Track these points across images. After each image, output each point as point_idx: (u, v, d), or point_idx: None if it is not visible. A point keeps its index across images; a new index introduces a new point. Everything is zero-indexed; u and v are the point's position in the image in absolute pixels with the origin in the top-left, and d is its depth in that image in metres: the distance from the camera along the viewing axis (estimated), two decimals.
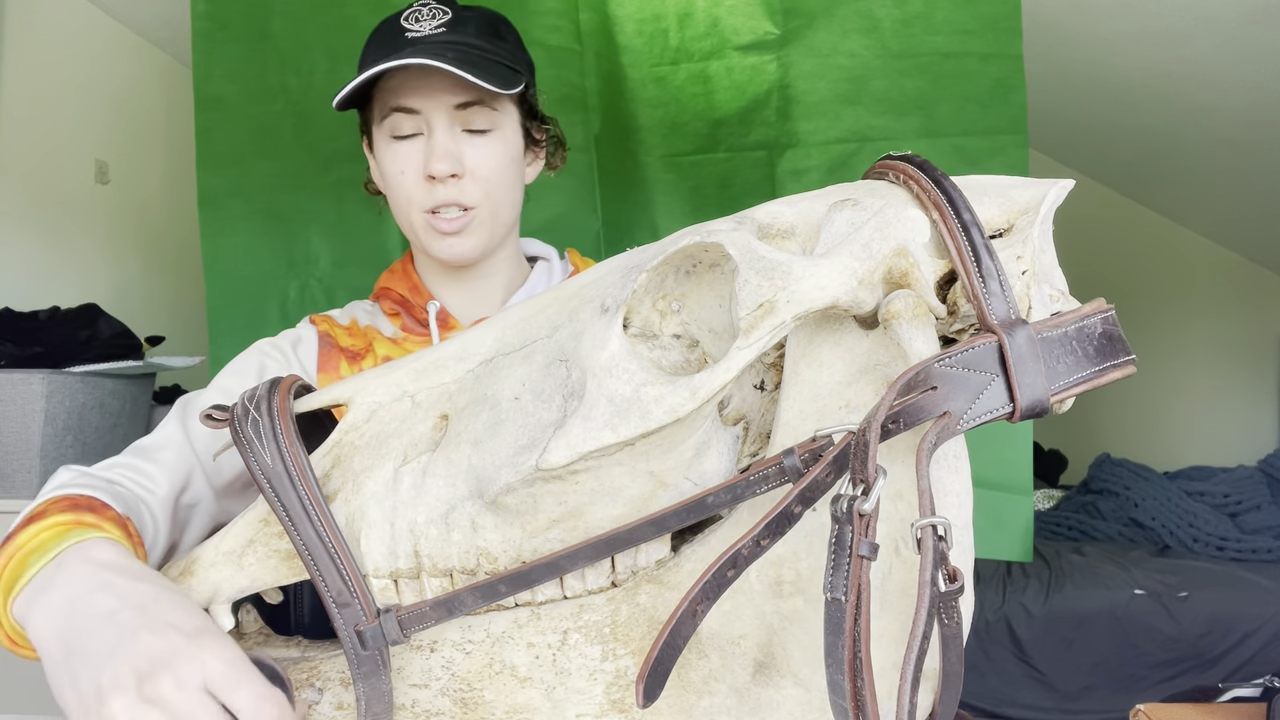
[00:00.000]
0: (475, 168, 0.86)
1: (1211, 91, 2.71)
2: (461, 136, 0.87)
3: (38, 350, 2.13)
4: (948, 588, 0.39)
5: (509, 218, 0.93)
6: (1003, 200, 0.48)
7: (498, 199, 0.89)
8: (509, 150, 0.89)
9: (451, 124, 0.86)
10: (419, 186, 0.87)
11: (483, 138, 0.87)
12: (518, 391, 0.47)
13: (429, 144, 0.86)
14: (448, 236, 0.88)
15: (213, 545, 0.51)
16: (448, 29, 0.86)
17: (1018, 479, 1.63)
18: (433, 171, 0.85)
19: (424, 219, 0.88)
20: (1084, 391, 0.44)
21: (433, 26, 0.86)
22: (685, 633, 0.41)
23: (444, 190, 0.86)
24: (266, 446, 0.47)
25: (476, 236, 0.89)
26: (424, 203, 0.87)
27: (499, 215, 0.90)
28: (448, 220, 0.87)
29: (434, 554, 0.47)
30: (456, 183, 0.86)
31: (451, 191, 0.86)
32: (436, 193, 0.86)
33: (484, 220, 0.89)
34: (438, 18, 0.87)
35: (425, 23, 0.86)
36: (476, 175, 0.87)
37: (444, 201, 0.86)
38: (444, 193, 0.86)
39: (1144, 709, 1.21)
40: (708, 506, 0.44)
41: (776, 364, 0.51)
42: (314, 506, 0.46)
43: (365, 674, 0.47)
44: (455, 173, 0.85)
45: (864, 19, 1.61)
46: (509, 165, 0.89)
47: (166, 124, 3.01)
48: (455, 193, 0.86)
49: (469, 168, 0.86)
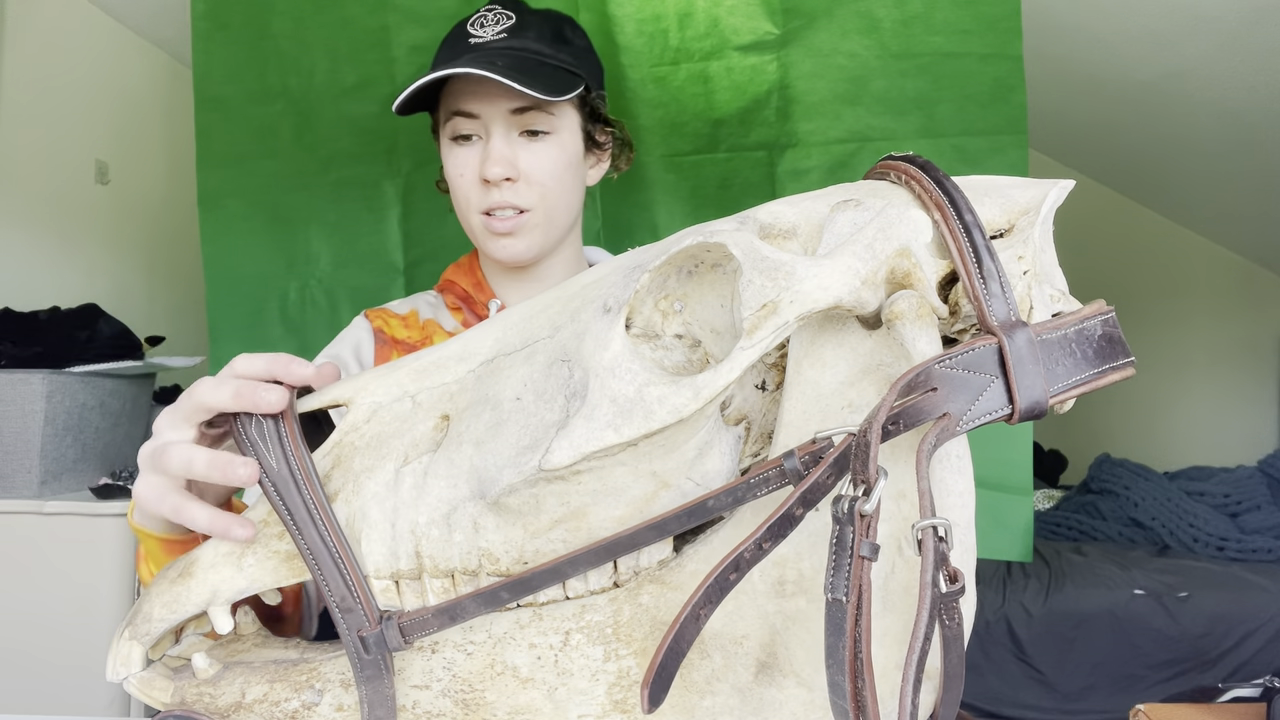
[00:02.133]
0: (530, 171, 0.89)
1: (1211, 91, 2.71)
2: (518, 141, 0.89)
3: (38, 350, 2.13)
4: (949, 589, 0.39)
5: (565, 220, 0.94)
6: (1003, 201, 0.48)
7: (553, 202, 0.91)
8: (566, 154, 0.91)
9: (509, 128, 0.88)
10: (475, 189, 0.90)
11: (539, 142, 0.89)
12: (519, 392, 0.47)
13: (486, 148, 0.88)
14: (502, 237, 0.90)
15: (211, 546, 0.50)
16: (509, 34, 0.88)
17: (1018, 479, 1.63)
18: (487, 175, 0.87)
19: (481, 220, 0.90)
20: (1083, 393, 0.44)
21: (495, 32, 0.89)
22: (689, 637, 0.41)
23: (499, 193, 0.88)
24: (271, 449, 0.47)
25: (531, 238, 0.91)
26: (480, 204, 0.90)
27: (554, 218, 0.92)
28: (502, 220, 0.89)
29: (435, 555, 0.47)
30: (511, 186, 0.88)
31: (506, 195, 0.89)
32: (492, 195, 0.89)
33: (539, 223, 0.91)
34: (501, 23, 0.89)
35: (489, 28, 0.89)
36: (531, 179, 0.89)
37: (498, 204, 0.89)
38: (499, 196, 0.89)
39: (1144, 709, 1.21)
40: (709, 509, 0.45)
41: (778, 364, 0.51)
42: (319, 511, 0.46)
43: (368, 678, 0.47)
44: (509, 176, 0.88)
45: (864, 19, 1.61)
46: (565, 169, 0.91)
47: (166, 124, 3.01)
48: (510, 195, 0.89)
49: (524, 171, 0.88)
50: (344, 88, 1.67)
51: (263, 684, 0.51)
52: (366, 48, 1.65)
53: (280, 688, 0.50)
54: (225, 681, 0.50)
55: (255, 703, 0.50)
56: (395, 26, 1.64)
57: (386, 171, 1.69)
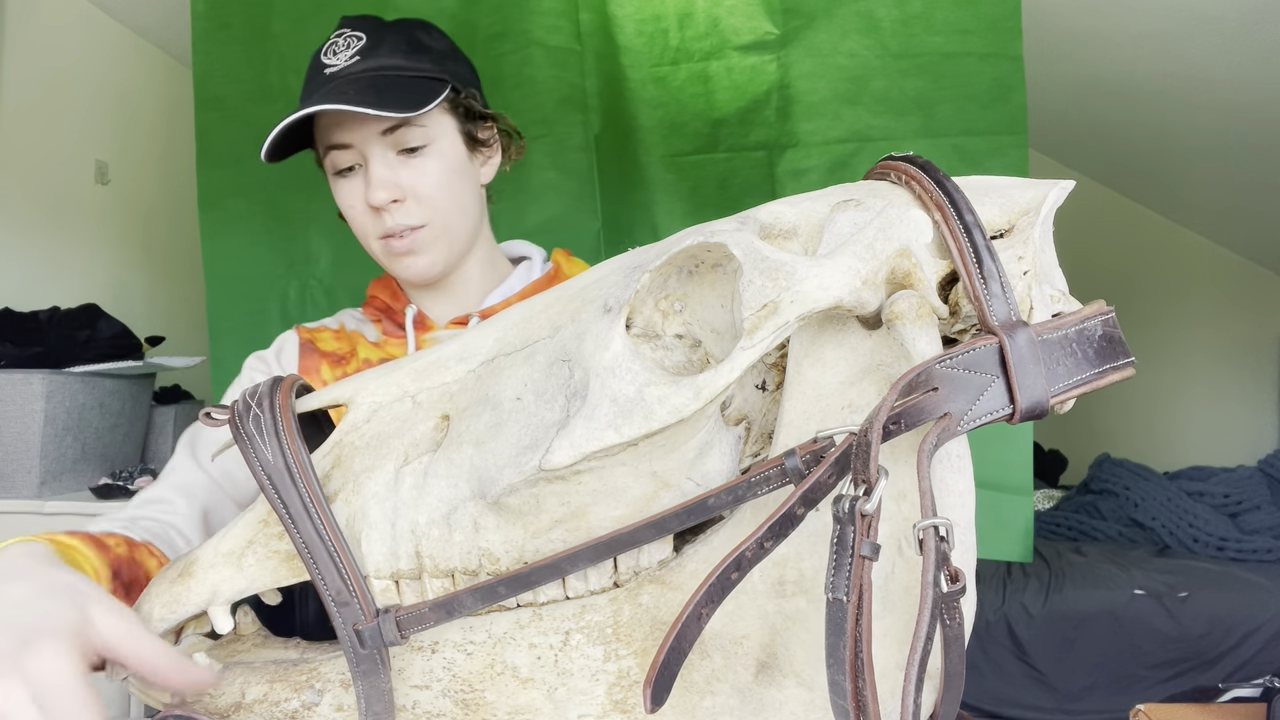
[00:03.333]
0: (414, 187, 0.87)
1: (1211, 91, 2.71)
2: (397, 160, 0.87)
3: (38, 350, 2.13)
4: (950, 588, 0.39)
5: (465, 228, 0.93)
6: (1003, 201, 0.48)
7: (446, 212, 0.90)
8: (448, 162, 0.90)
9: (384, 150, 0.87)
10: (368, 217, 0.89)
11: (418, 156, 0.88)
12: (520, 392, 0.47)
13: (366, 176, 0.88)
14: (404, 256, 0.90)
15: (211, 546, 0.51)
16: (362, 56, 0.87)
17: (1018, 479, 1.63)
18: (373, 202, 0.86)
19: (381, 245, 0.90)
20: (1084, 394, 0.44)
21: (347, 58, 0.87)
22: (690, 636, 0.41)
23: (390, 218, 0.88)
24: (268, 443, 0.47)
25: (433, 252, 0.90)
26: (375, 231, 0.89)
27: (452, 227, 0.91)
28: (399, 240, 0.89)
29: (436, 555, 0.47)
30: (400, 207, 0.88)
31: (398, 217, 0.88)
32: (384, 220, 0.88)
33: (437, 235, 0.90)
34: (353, 46, 0.87)
35: (341, 55, 0.87)
36: (418, 194, 0.88)
37: (391, 228, 0.88)
38: (390, 220, 0.88)
39: (1144, 709, 1.21)
40: (709, 508, 0.44)
41: (778, 364, 0.51)
42: (314, 505, 0.46)
43: (364, 673, 0.47)
44: (396, 198, 0.87)
45: (864, 19, 1.61)
46: (450, 178, 0.90)
47: (166, 124, 3.01)
48: (401, 217, 0.88)
49: (408, 189, 0.87)
50: None
51: (262, 684, 0.51)
52: None
53: (280, 688, 0.50)
54: (225, 682, 0.50)
55: (255, 703, 0.50)
56: None
57: None
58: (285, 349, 0.97)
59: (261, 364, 0.96)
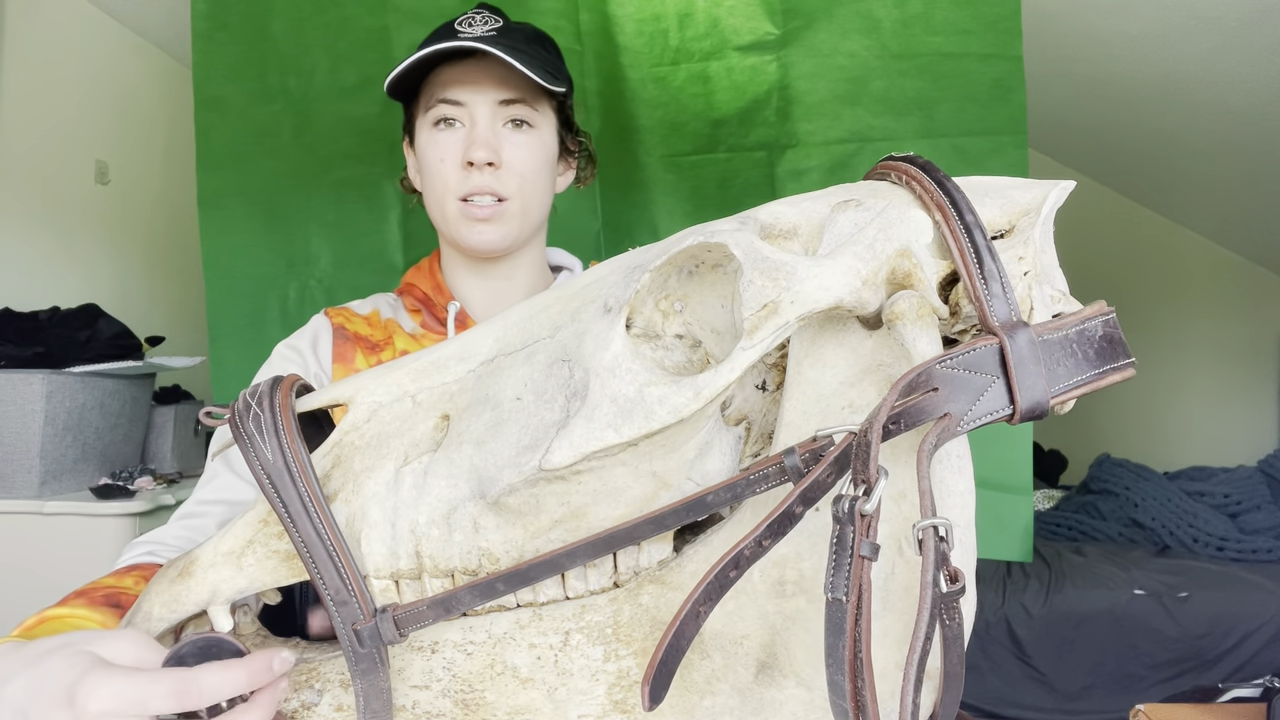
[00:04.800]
0: (512, 160, 0.90)
1: (1211, 91, 2.71)
2: (502, 131, 0.90)
3: (38, 350, 2.13)
4: (949, 589, 0.39)
5: (538, 216, 0.95)
6: (1004, 201, 0.48)
7: (530, 194, 0.92)
8: (546, 150, 0.93)
9: (494, 117, 0.90)
10: (456, 173, 0.90)
11: (522, 134, 0.91)
12: (520, 392, 0.47)
13: (470, 133, 0.89)
14: (479, 223, 0.91)
15: (211, 546, 0.50)
16: (499, 34, 0.90)
17: (1018, 479, 1.63)
18: (471, 158, 0.88)
19: (458, 206, 0.91)
20: (1084, 394, 0.44)
21: (484, 31, 0.89)
22: (689, 633, 0.41)
23: (480, 178, 0.89)
24: (267, 442, 0.47)
25: (507, 227, 0.92)
26: (459, 189, 0.90)
27: (529, 211, 0.93)
28: (480, 207, 0.90)
29: (435, 555, 0.47)
30: (493, 172, 0.89)
31: (488, 179, 0.89)
32: (473, 179, 0.89)
33: (515, 213, 0.92)
34: (490, 23, 0.91)
35: (478, 27, 0.90)
36: (513, 168, 0.90)
37: (479, 188, 0.89)
38: (479, 180, 0.89)
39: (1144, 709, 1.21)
40: (708, 505, 0.44)
41: (778, 364, 0.51)
42: (313, 504, 0.46)
43: (363, 672, 0.47)
44: (492, 161, 0.89)
45: (864, 19, 1.61)
46: (544, 164, 0.93)
47: (166, 124, 3.01)
48: (491, 181, 0.89)
49: (506, 160, 0.90)
50: (344, 88, 1.67)
51: None
52: (366, 48, 1.65)
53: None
54: None
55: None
56: (395, 26, 1.64)
57: (386, 171, 1.69)
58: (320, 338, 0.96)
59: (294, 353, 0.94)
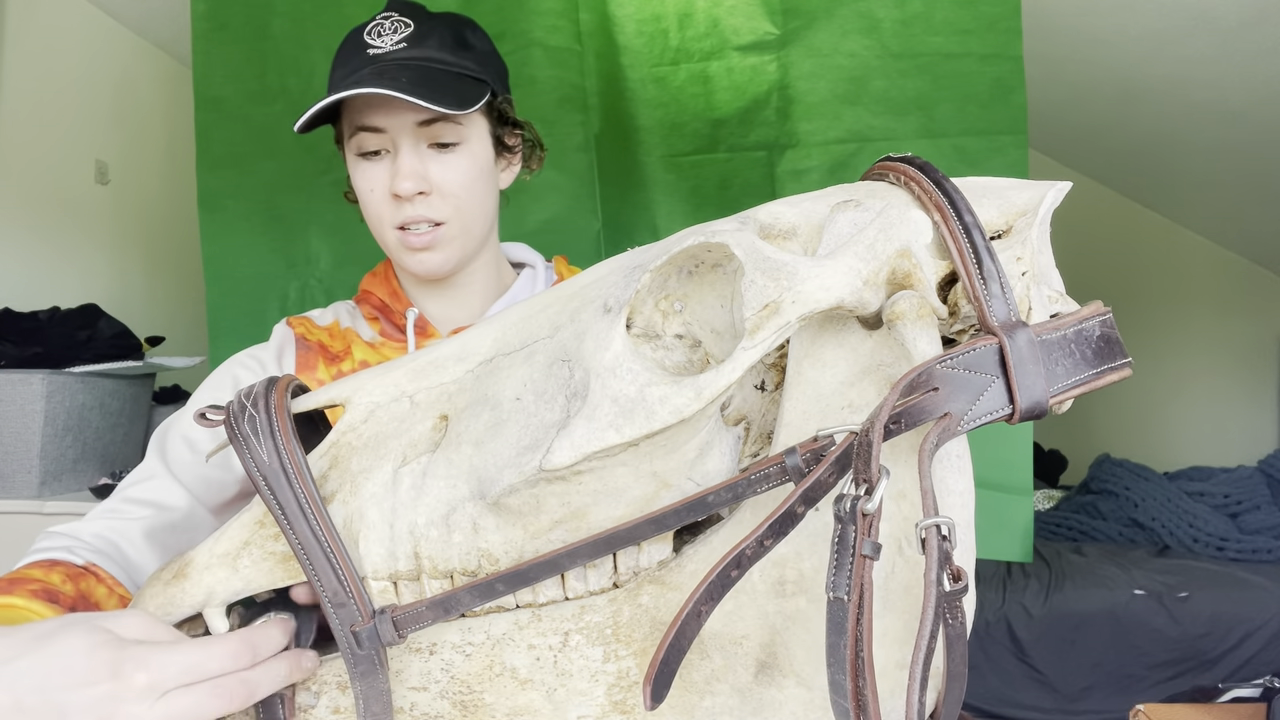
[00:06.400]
0: (442, 184, 0.87)
1: (1211, 91, 2.71)
2: (428, 153, 0.87)
3: (38, 350, 2.13)
4: (952, 587, 0.39)
5: (481, 230, 0.92)
6: (1001, 202, 0.48)
7: (467, 213, 0.89)
8: (477, 163, 0.89)
9: (417, 141, 0.86)
10: (387, 204, 0.87)
11: (449, 153, 0.87)
12: (519, 392, 0.47)
13: (395, 164, 0.86)
14: (419, 252, 0.88)
15: (207, 548, 0.50)
16: (409, 44, 0.85)
17: (1018, 479, 1.63)
18: (398, 191, 0.85)
19: (395, 235, 0.88)
20: (1082, 394, 0.44)
21: (394, 42, 0.85)
22: (690, 633, 0.41)
23: (411, 208, 0.86)
24: (263, 444, 0.47)
25: (448, 250, 0.89)
26: (393, 220, 0.88)
27: (470, 229, 0.90)
28: (417, 235, 0.87)
29: (434, 556, 0.47)
30: (424, 199, 0.86)
31: (420, 209, 0.86)
32: (405, 210, 0.87)
33: (455, 235, 0.89)
34: (399, 31, 0.86)
35: (387, 37, 0.86)
36: (444, 191, 0.87)
37: (412, 218, 0.87)
38: (412, 210, 0.86)
39: (1144, 709, 1.21)
40: (708, 505, 0.44)
41: (777, 364, 0.51)
42: (310, 505, 0.46)
43: (362, 674, 0.47)
44: (422, 190, 0.86)
45: (864, 19, 1.61)
46: (477, 178, 0.89)
47: (166, 124, 3.01)
48: (424, 209, 0.87)
49: (436, 184, 0.86)
50: None
51: None
52: None
53: None
54: None
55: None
56: None
57: None
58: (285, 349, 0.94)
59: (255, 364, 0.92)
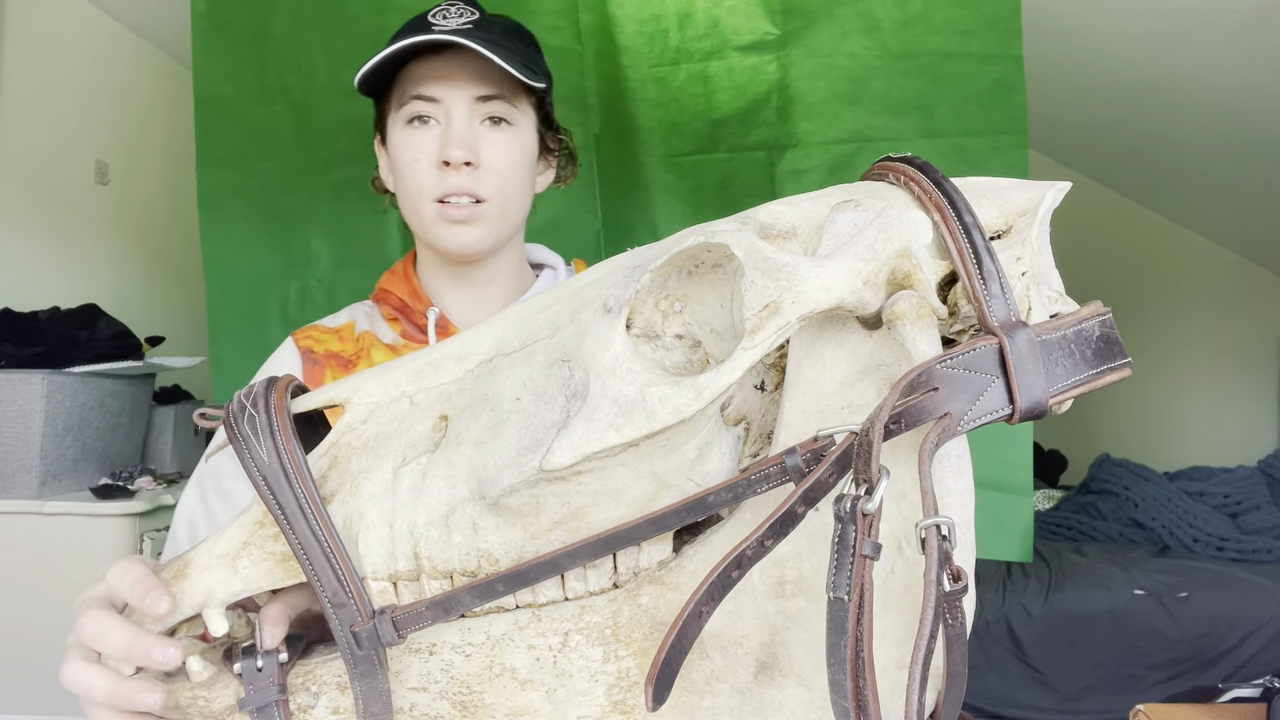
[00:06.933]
0: (490, 160, 0.86)
1: (1211, 91, 2.72)
2: (479, 129, 0.86)
3: (38, 350, 2.14)
4: (952, 587, 0.39)
5: (517, 217, 0.92)
6: (1001, 202, 0.48)
7: (508, 194, 0.88)
8: (525, 149, 0.89)
9: (471, 114, 0.86)
10: (431, 173, 0.86)
11: (500, 131, 0.87)
12: (519, 392, 0.47)
13: (446, 131, 0.85)
14: (456, 225, 0.87)
15: (206, 549, 0.50)
16: (474, 27, 0.85)
17: (1018, 479, 1.63)
18: (448, 157, 0.84)
19: (434, 208, 0.87)
20: (1081, 394, 0.44)
21: (459, 24, 0.86)
22: (691, 634, 0.41)
23: (456, 178, 0.85)
24: (263, 443, 0.47)
25: (485, 229, 0.88)
26: (435, 190, 0.86)
27: (508, 212, 0.89)
28: (457, 208, 0.86)
29: (434, 556, 0.47)
30: (471, 172, 0.85)
31: (464, 180, 0.85)
32: (449, 180, 0.85)
33: (494, 215, 0.88)
34: (465, 16, 0.87)
35: (453, 19, 0.86)
36: (491, 167, 0.86)
37: (455, 189, 0.85)
38: (456, 181, 0.85)
39: (1144, 709, 1.21)
40: (708, 505, 0.44)
41: (777, 364, 0.51)
42: (310, 505, 0.46)
43: (362, 674, 0.47)
44: (470, 161, 0.85)
45: (864, 19, 1.61)
46: (523, 164, 0.89)
47: (166, 124, 3.01)
48: (468, 181, 0.85)
49: (484, 159, 0.86)
50: (344, 88, 1.66)
51: None
52: (366, 48, 1.64)
53: None
54: (219, 685, 0.50)
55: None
56: (395, 26, 1.63)
57: None
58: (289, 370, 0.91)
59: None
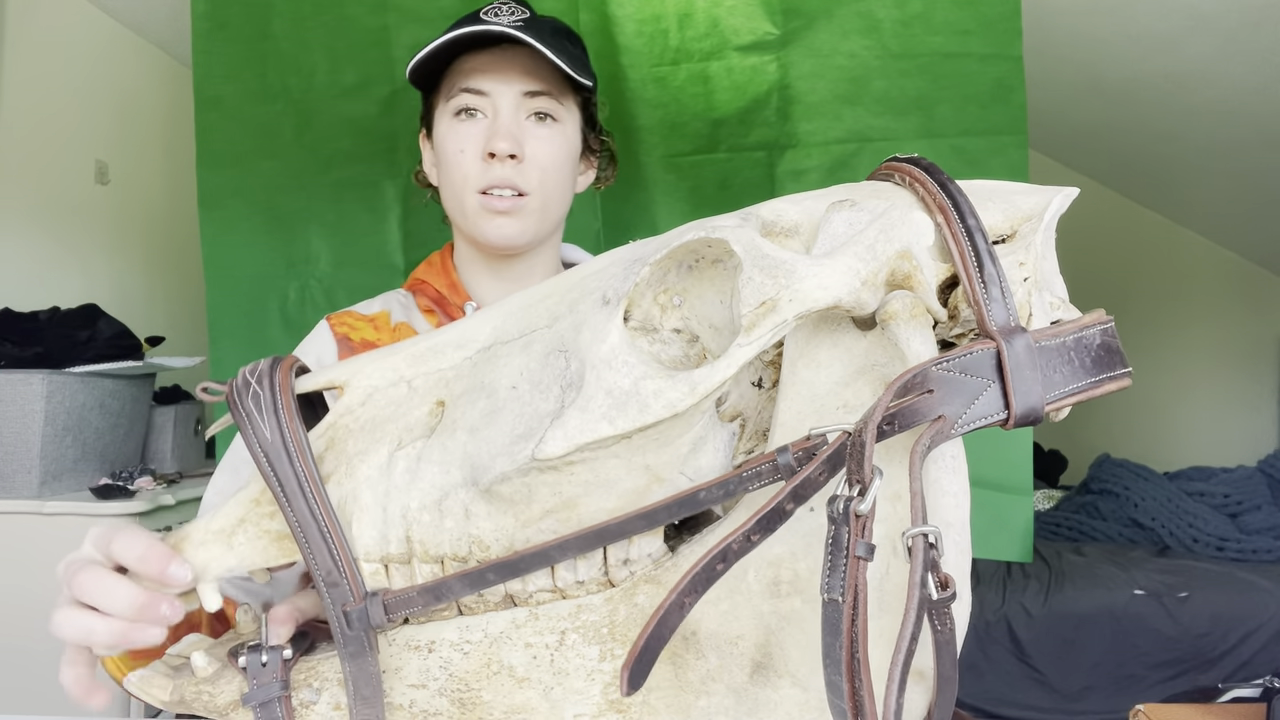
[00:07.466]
0: (535, 154, 0.88)
1: (1211, 91, 2.71)
2: (526, 124, 0.88)
3: (38, 350, 2.14)
4: (940, 595, 0.39)
5: (557, 214, 0.94)
6: (1007, 206, 0.48)
7: (550, 190, 0.90)
8: (568, 145, 0.91)
9: (518, 109, 0.87)
10: (476, 165, 0.88)
11: (546, 127, 0.89)
12: (515, 381, 0.47)
13: (493, 124, 0.87)
14: (498, 216, 0.88)
15: (202, 525, 0.50)
16: (525, 25, 0.87)
17: (1018, 479, 1.63)
18: (493, 149, 0.86)
19: (477, 199, 0.88)
20: (1079, 402, 0.44)
21: (510, 21, 0.87)
22: (672, 624, 0.41)
23: (500, 170, 0.87)
24: (266, 420, 0.47)
25: (526, 222, 0.89)
26: (479, 182, 0.88)
27: (549, 207, 0.91)
28: (500, 199, 0.88)
29: (426, 540, 0.47)
30: (515, 165, 0.87)
31: (509, 172, 0.87)
32: (493, 171, 0.87)
33: (535, 209, 0.89)
34: (516, 13, 0.88)
35: (504, 16, 0.87)
36: (535, 161, 0.88)
37: (499, 181, 0.87)
38: (500, 173, 0.87)
39: (1144, 709, 1.21)
40: (699, 501, 0.44)
41: (775, 361, 0.51)
42: (309, 483, 0.46)
43: (351, 654, 0.47)
44: (514, 154, 0.86)
45: (864, 19, 1.61)
46: (566, 160, 0.91)
47: (166, 124, 3.01)
48: (512, 174, 0.87)
49: (529, 153, 0.87)
50: (344, 88, 1.67)
51: None
52: (366, 48, 1.66)
53: None
54: (224, 680, 0.50)
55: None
56: (395, 26, 1.65)
57: (386, 171, 1.70)
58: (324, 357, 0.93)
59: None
